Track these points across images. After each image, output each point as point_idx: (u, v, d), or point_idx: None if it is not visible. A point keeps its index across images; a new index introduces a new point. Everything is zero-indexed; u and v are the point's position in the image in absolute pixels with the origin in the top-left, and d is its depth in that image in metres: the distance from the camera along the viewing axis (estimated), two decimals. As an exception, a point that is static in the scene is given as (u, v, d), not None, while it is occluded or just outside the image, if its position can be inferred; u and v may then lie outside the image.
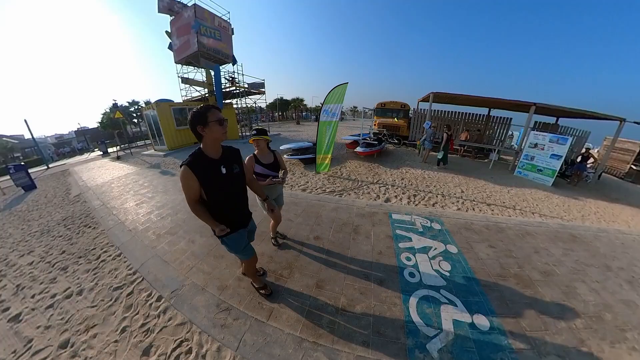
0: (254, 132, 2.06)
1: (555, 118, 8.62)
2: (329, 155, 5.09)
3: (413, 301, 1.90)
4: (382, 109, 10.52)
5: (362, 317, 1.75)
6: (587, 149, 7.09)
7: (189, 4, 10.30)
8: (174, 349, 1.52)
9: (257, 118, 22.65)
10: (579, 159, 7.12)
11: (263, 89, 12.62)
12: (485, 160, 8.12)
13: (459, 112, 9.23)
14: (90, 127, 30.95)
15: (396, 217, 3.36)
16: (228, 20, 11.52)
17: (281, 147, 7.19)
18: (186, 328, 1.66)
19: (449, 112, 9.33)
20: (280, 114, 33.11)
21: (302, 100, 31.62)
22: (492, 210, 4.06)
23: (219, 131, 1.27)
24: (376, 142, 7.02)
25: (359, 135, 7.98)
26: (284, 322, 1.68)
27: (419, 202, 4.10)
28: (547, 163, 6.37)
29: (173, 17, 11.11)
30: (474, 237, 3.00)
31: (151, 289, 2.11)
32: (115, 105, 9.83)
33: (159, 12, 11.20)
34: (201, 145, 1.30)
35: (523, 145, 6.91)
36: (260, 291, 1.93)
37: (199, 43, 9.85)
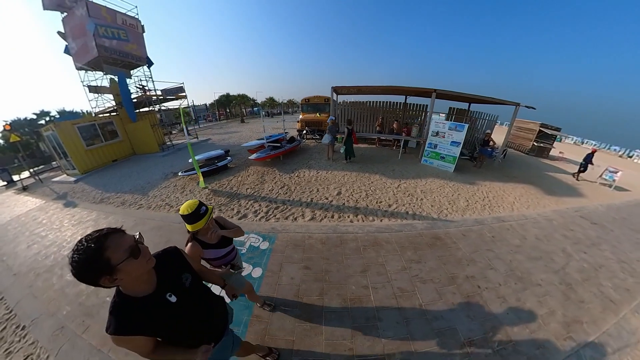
0: (186, 218, 1.54)
1: (468, 104, 10.35)
2: (199, 174, 5.88)
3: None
4: (307, 104, 11.51)
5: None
6: (488, 133, 8.77)
7: (80, -1, 9.90)
8: (22, 362, 2.36)
9: (202, 118, 22.45)
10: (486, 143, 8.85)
11: (183, 93, 12.72)
12: (403, 149, 9.61)
13: (378, 102, 10.36)
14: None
15: (231, 237, 3.75)
16: (136, 17, 11.24)
17: (189, 160, 7.64)
18: (36, 346, 2.50)
19: (372, 102, 10.45)
20: (227, 111, 32.92)
21: (244, 96, 32.25)
22: (356, 215, 4.43)
23: (140, 267, 0.92)
24: (279, 145, 7.85)
25: (267, 137, 8.04)
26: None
27: (275, 215, 4.51)
28: (448, 150, 7.60)
29: (65, 14, 10.64)
30: (294, 257, 3.21)
31: (20, 322, 2.88)
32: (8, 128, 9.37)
33: (44, 9, 10.58)
34: (120, 288, 0.95)
35: (426, 132, 8.20)
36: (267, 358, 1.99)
37: (98, 47, 9.63)
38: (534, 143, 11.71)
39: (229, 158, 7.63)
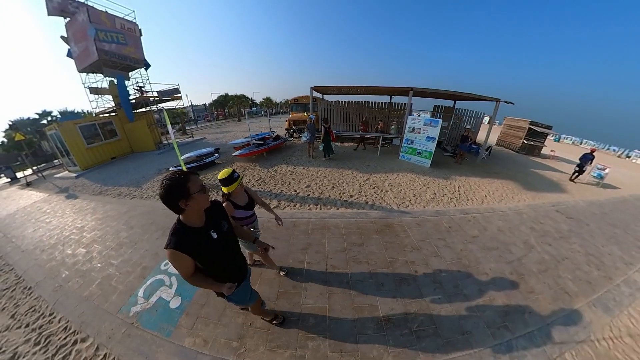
0: (223, 181, 2.02)
1: (453, 102, 10.83)
2: (184, 169, 6.63)
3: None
4: (296, 104, 12.27)
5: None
6: (467, 129, 9.14)
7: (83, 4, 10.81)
8: (27, 311, 3.11)
9: (201, 118, 23.59)
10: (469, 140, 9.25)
11: (178, 94, 13.70)
12: (388, 146, 10.21)
13: (365, 102, 10.98)
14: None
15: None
16: (134, 21, 12.22)
17: (182, 157, 8.56)
18: (39, 299, 3.28)
19: (362, 102, 11.10)
20: (224, 111, 34.46)
21: (242, 96, 33.82)
22: (316, 205, 4.82)
23: (204, 200, 1.31)
24: (263, 142, 8.61)
25: (254, 136, 8.92)
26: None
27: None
28: (424, 146, 8.03)
29: (68, 19, 11.65)
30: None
31: (27, 284, 3.68)
32: (13, 127, 10.32)
33: (49, 14, 11.58)
34: (181, 217, 1.31)
35: (403, 129, 8.68)
36: (273, 322, 2.34)
37: (98, 51, 10.62)
38: (524, 141, 11.99)
39: (216, 155, 8.46)
